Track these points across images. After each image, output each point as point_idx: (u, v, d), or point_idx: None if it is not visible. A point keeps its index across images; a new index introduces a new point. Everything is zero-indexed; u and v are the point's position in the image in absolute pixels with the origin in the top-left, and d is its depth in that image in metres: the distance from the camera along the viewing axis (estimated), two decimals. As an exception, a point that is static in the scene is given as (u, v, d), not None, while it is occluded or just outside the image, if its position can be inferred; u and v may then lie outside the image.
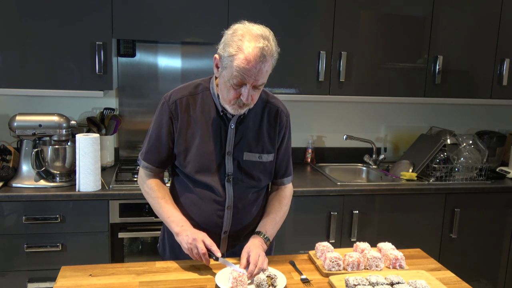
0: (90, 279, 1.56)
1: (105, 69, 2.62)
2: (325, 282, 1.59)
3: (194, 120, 1.68)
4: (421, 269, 1.70)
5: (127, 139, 3.10)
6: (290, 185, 1.88)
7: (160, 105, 1.71)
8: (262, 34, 1.50)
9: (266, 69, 1.51)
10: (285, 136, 1.79)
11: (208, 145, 1.67)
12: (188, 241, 1.59)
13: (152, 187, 1.74)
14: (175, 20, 2.66)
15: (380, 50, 2.94)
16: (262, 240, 1.68)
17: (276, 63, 1.58)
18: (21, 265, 2.45)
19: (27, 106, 2.89)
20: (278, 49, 1.56)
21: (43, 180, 2.53)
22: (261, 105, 1.73)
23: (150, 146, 1.73)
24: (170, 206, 1.71)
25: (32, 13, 2.51)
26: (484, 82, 3.09)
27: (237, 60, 1.48)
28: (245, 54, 1.47)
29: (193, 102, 1.68)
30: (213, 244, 1.60)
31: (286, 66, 2.82)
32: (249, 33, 1.50)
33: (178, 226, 1.65)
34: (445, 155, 3.01)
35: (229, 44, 1.50)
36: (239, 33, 1.50)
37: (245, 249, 1.61)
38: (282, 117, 1.76)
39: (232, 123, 1.68)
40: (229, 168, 1.69)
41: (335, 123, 3.36)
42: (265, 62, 1.49)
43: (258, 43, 1.48)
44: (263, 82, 1.54)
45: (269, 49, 1.50)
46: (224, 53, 1.52)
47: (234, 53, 1.49)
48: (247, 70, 1.48)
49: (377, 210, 2.79)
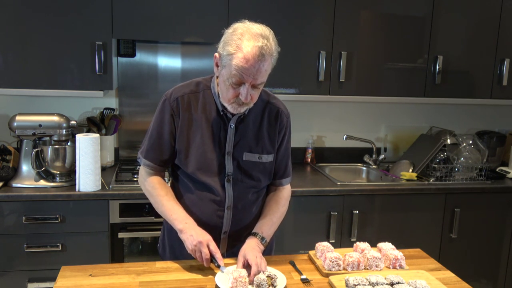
0: (90, 279, 1.56)
1: (105, 69, 2.62)
2: (325, 282, 1.59)
3: (195, 118, 1.67)
4: (421, 269, 1.70)
5: (127, 139, 3.10)
6: (288, 186, 1.87)
7: (161, 103, 1.70)
8: (261, 33, 1.50)
9: (265, 68, 1.51)
10: (285, 137, 1.78)
11: (208, 144, 1.67)
12: (193, 243, 1.58)
13: (153, 185, 1.73)
14: (175, 20, 2.67)
15: (380, 50, 2.94)
16: (258, 241, 1.67)
17: (276, 62, 1.58)
18: (21, 265, 2.45)
19: (27, 106, 2.89)
20: (278, 48, 1.56)
21: (43, 180, 2.53)
22: (261, 105, 1.72)
23: (151, 144, 1.72)
24: (173, 203, 1.70)
25: (32, 13, 2.51)
26: (484, 82, 3.09)
27: (236, 59, 1.48)
28: (244, 53, 1.47)
29: (194, 100, 1.68)
30: (218, 251, 1.59)
31: (286, 66, 2.82)
32: (249, 32, 1.49)
33: (181, 223, 1.64)
34: (445, 155, 3.01)
35: (229, 43, 1.50)
36: (239, 32, 1.50)
37: (241, 253, 1.60)
38: (283, 118, 1.76)
39: (232, 123, 1.67)
40: (229, 168, 1.69)
41: (335, 123, 3.36)
42: (264, 61, 1.49)
43: (257, 42, 1.47)
44: (263, 81, 1.54)
45: (268, 48, 1.49)
46: (224, 51, 1.52)
47: (233, 52, 1.48)
48: (246, 69, 1.48)
49: (377, 210, 2.79)
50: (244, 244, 1.65)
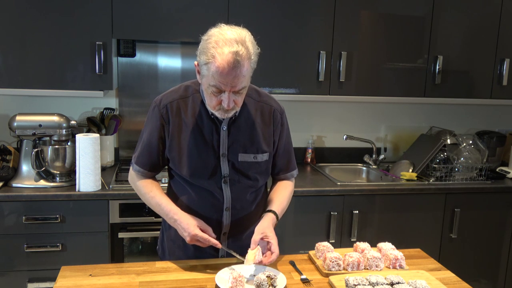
0: (90, 279, 1.56)
1: (105, 69, 2.62)
2: (325, 282, 1.59)
3: (185, 123, 1.67)
4: (421, 269, 1.70)
5: (127, 139, 3.10)
6: (293, 181, 1.90)
7: (151, 110, 1.70)
8: (236, 39, 1.46)
9: (243, 74, 1.48)
10: (283, 133, 1.78)
11: (201, 148, 1.67)
12: (187, 239, 1.62)
13: (142, 184, 1.76)
14: (175, 20, 2.67)
15: (380, 50, 2.94)
16: (274, 217, 1.69)
17: (257, 62, 1.54)
18: (21, 265, 2.45)
19: (27, 106, 2.89)
20: (257, 50, 1.53)
21: (43, 180, 2.53)
22: (253, 104, 1.72)
23: (142, 150, 1.73)
24: (158, 199, 1.71)
25: (32, 13, 2.51)
26: (484, 82, 3.09)
27: (211, 68, 1.46)
28: (219, 61, 1.44)
29: (184, 106, 1.67)
30: (210, 237, 1.62)
31: (286, 66, 2.82)
32: (223, 38, 1.46)
33: (170, 220, 1.68)
34: (445, 155, 3.01)
35: (204, 52, 1.49)
36: (213, 39, 1.47)
37: (260, 230, 1.61)
38: (276, 115, 1.75)
39: (224, 125, 1.67)
40: (225, 170, 1.69)
41: (335, 123, 3.36)
42: (240, 67, 1.46)
43: (232, 48, 1.44)
44: (243, 86, 1.52)
45: (244, 53, 1.46)
46: (201, 60, 1.51)
47: (208, 61, 1.47)
48: (223, 78, 1.46)
49: (377, 210, 2.79)
50: (261, 221, 1.66)
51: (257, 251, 1.56)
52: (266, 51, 2.66)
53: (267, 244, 1.61)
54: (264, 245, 1.62)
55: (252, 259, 1.54)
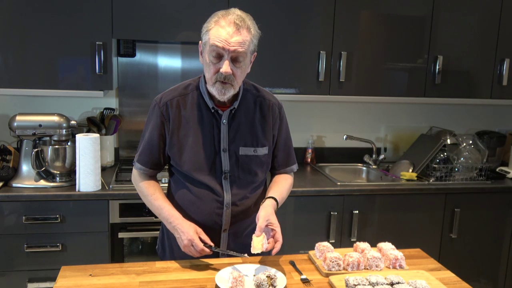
0: (90, 279, 1.56)
1: (105, 69, 2.62)
2: (325, 282, 1.59)
3: (186, 120, 1.69)
4: (421, 269, 1.70)
5: (127, 139, 3.10)
6: (293, 175, 1.91)
7: (152, 108, 1.73)
8: (239, 14, 1.58)
9: (243, 38, 1.55)
10: (282, 127, 1.81)
11: (202, 143, 1.68)
12: (183, 243, 1.64)
13: (144, 186, 1.77)
14: (175, 20, 2.67)
15: (380, 50, 2.94)
16: (275, 204, 1.69)
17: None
18: (21, 265, 2.45)
19: (27, 106, 2.89)
20: (258, 32, 1.63)
21: (43, 180, 2.53)
22: (252, 99, 1.75)
23: (143, 148, 1.75)
24: (159, 202, 1.72)
25: (32, 13, 2.51)
26: (484, 82, 3.09)
27: (212, 30, 1.55)
28: (221, 23, 1.55)
29: (183, 102, 1.70)
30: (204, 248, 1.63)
31: (286, 66, 2.83)
32: (225, 14, 1.58)
33: (168, 224, 1.70)
34: (445, 155, 3.01)
35: (206, 25, 1.60)
36: (218, 13, 1.60)
37: (263, 216, 1.60)
38: (275, 109, 1.78)
39: (224, 119, 1.69)
40: (225, 165, 1.70)
41: (335, 123, 3.36)
42: (240, 29, 1.54)
43: (233, 17, 1.55)
44: (243, 51, 1.56)
45: (245, 23, 1.56)
46: (203, 33, 1.60)
47: (210, 27, 1.57)
48: (222, 35, 1.53)
49: (377, 210, 2.79)
50: (262, 208, 1.64)
51: (263, 238, 1.56)
52: (266, 51, 2.68)
53: (271, 231, 1.61)
54: (268, 232, 1.61)
55: (260, 247, 1.53)
